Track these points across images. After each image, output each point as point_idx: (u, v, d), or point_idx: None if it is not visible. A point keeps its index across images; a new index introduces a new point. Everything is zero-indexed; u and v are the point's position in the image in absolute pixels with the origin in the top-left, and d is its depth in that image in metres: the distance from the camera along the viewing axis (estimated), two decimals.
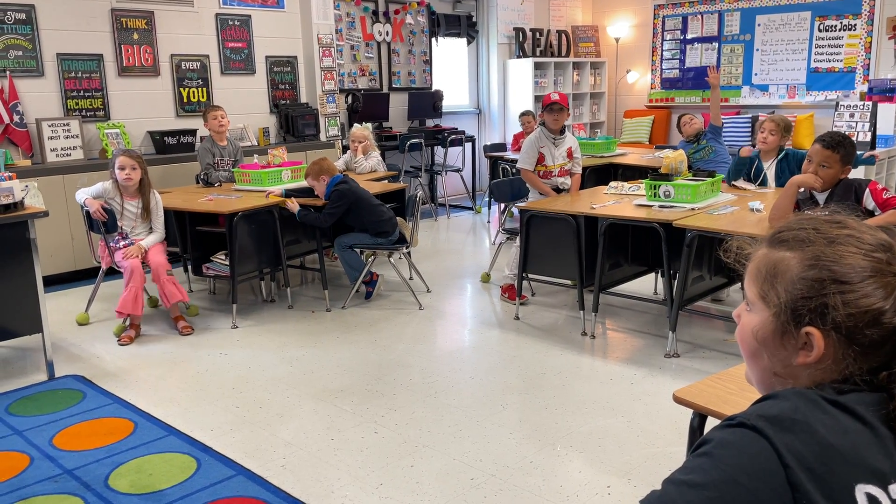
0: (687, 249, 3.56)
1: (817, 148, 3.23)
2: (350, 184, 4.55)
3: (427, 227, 7.24)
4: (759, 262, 0.95)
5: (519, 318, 4.37)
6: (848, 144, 3.24)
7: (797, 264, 0.91)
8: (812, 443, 0.81)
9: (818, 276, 0.88)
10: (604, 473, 2.63)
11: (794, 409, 0.84)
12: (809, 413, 0.84)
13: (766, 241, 0.97)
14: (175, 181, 5.65)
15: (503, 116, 9.03)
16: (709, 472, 0.81)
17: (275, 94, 6.94)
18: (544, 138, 4.70)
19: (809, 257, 0.90)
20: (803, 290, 0.89)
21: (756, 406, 0.88)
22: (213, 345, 4.05)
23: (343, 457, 2.78)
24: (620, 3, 9.47)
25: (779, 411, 0.84)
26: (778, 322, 0.91)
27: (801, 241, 0.92)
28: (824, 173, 3.21)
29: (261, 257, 4.58)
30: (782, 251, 0.93)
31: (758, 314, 0.95)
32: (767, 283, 0.93)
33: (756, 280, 0.95)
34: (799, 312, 0.89)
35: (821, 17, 7.88)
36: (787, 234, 0.94)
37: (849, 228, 0.92)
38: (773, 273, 0.92)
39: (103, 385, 3.49)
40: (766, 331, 0.93)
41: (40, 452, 2.84)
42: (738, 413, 0.88)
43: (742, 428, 0.83)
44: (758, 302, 0.94)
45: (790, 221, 0.97)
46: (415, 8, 8.08)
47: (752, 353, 0.97)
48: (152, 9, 6.03)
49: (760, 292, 0.94)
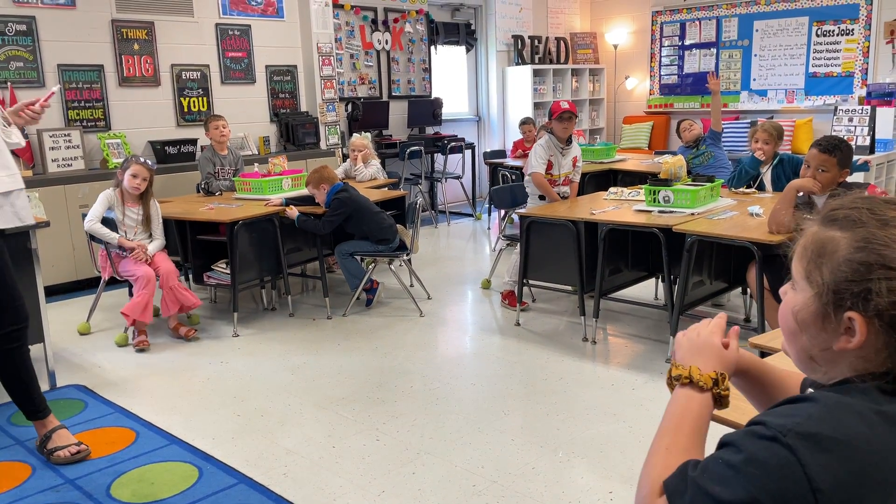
0: (687, 254, 3.56)
1: (814, 153, 3.25)
2: (350, 192, 4.56)
3: (427, 234, 7.25)
4: (808, 240, 0.91)
5: (520, 325, 4.37)
6: (844, 148, 3.25)
7: (846, 245, 0.86)
8: (852, 464, 0.78)
9: (866, 259, 0.84)
10: (606, 479, 2.63)
11: (835, 425, 0.80)
12: (853, 431, 0.79)
13: (818, 218, 0.92)
14: (176, 190, 5.66)
15: (503, 123, 9.05)
16: (734, 490, 0.80)
17: (275, 103, 6.96)
18: (553, 147, 4.66)
19: (859, 239, 0.86)
20: (848, 272, 0.85)
21: (794, 412, 0.83)
22: (214, 353, 4.05)
23: (345, 464, 2.78)
24: (618, 9, 9.50)
25: (818, 429, 0.80)
26: (820, 303, 0.87)
27: (852, 220, 0.87)
28: (822, 177, 3.22)
29: (261, 265, 4.59)
30: (833, 230, 0.89)
31: (801, 293, 0.91)
32: (813, 262, 0.89)
33: (803, 258, 0.91)
34: (841, 296, 0.85)
35: (818, 22, 7.91)
36: (840, 213, 0.89)
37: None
38: (821, 252, 0.88)
39: (105, 394, 3.49)
40: (806, 311, 0.89)
41: (42, 462, 2.84)
42: (773, 419, 0.83)
43: (775, 444, 0.80)
44: (802, 281, 0.91)
45: (844, 199, 0.91)
46: (414, 16, 8.11)
47: (790, 332, 0.93)
48: (152, 19, 6.06)
49: (805, 271, 0.90)
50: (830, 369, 0.90)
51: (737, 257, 4.00)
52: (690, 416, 0.97)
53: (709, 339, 1.03)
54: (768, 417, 0.84)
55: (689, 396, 0.99)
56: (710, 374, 0.99)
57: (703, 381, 0.99)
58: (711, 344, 1.03)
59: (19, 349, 2.78)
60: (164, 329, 4.42)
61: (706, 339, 1.03)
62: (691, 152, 5.59)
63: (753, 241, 3.33)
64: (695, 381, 0.99)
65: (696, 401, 0.98)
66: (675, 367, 1.02)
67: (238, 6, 6.61)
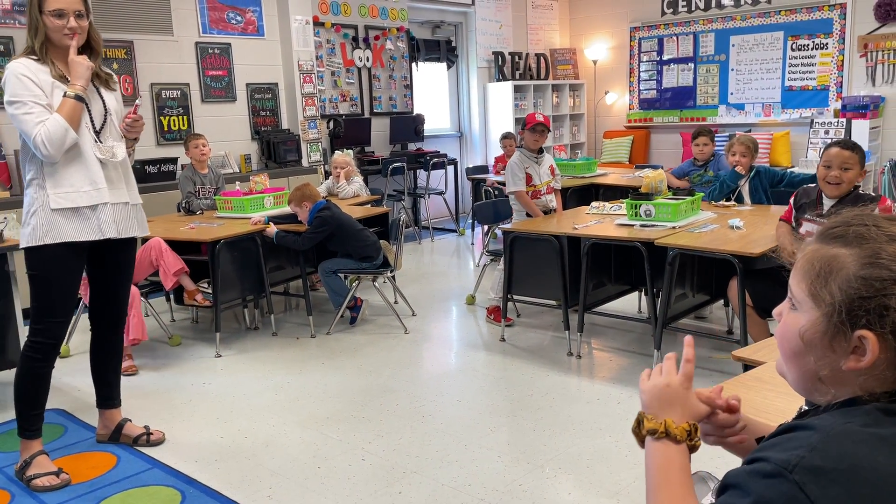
0: (669, 268, 3.58)
1: (836, 151, 3.26)
2: (332, 210, 4.54)
3: (411, 250, 7.24)
4: (811, 258, 0.88)
5: (505, 340, 4.37)
6: (860, 147, 3.33)
7: (854, 261, 0.84)
8: (859, 494, 0.76)
9: (878, 274, 0.82)
10: (593, 495, 2.62)
11: (839, 456, 0.78)
12: (857, 459, 0.78)
13: (817, 236, 0.90)
14: (156, 210, 5.60)
15: (485, 139, 9.09)
16: None
17: (256, 121, 6.95)
18: (527, 159, 4.75)
19: (868, 254, 0.83)
20: (861, 289, 0.82)
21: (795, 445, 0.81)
22: (196, 374, 4.01)
23: (330, 485, 2.75)
24: (597, 26, 9.61)
25: (822, 461, 0.78)
26: (829, 323, 0.85)
27: (859, 236, 0.85)
28: (847, 175, 3.25)
29: (244, 284, 4.56)
30: (836, 247, 0.86)
31: (806, 313, 0.88)
32: (820, 280, 0.86)
33: (806, 277, 0.88)
34: (855, 313, 0.82)
35: (793, 36, 8.04)
36: (844, 230, 0.87)
37: None
38: (828, 270, 0.85)
39: (85, 418, 3.44)
40: (814, 331, 0.86)
41: (21, 489, 2.78)
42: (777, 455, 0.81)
43: (783, 482, 0.78)
44: (807, 300, 0.88)
45: (845, 216, 0.89)
46: (394, 34, 8.15)
47: (795, 354, 0.90)
48: (132, 38, 6.04)
49: (811, 290, 0.87)
50: (839, 390, 0.87)
51: (718, 270, 4.03)
52: (675, 468, 0.97)
53: (678, 391, 1.02)
54: (769, 452, 0.82)
55: (667, 449, 0.99)
56: (684, 427, 0.99)
57: (679, 434, 0.98)
58: (680, 395, 1.02)
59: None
60: (145, 351, 4.37)
61: (676, 391, 1.02)
62: (698, 172, 5.23)
63: (734, 253, 3.35)
64: (671, 435, 0.98)
65: (675, 451, 0.98)
66: (647, 421, 1.01)
67: (218, 24, 6.61)
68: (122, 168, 2.89)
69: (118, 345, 3.16)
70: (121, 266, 3.00)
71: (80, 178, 2.73)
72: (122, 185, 2.89)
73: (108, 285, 3.01)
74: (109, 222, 2.79)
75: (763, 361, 1.91)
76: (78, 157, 2.73)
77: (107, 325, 3.08)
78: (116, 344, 3.14)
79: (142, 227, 3.00)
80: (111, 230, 2.80)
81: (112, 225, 2.80)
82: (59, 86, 2.68)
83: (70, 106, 2.64)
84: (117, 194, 2.84)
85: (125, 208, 2.88)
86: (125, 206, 2.88)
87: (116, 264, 2.98)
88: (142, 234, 3.03)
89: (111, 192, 2.81)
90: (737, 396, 1.09)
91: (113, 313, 3.07)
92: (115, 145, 2.85)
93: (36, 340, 2.80)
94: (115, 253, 2.94)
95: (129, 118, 2.84)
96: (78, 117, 2.67)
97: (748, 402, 1.70)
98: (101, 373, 3.14)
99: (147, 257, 4.28)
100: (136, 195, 2.96)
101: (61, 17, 2.64)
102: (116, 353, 3.16)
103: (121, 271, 3.01)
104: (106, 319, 3.07)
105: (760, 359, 1.93)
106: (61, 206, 2.70)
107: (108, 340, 3.11)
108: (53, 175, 2.70)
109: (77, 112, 2.67)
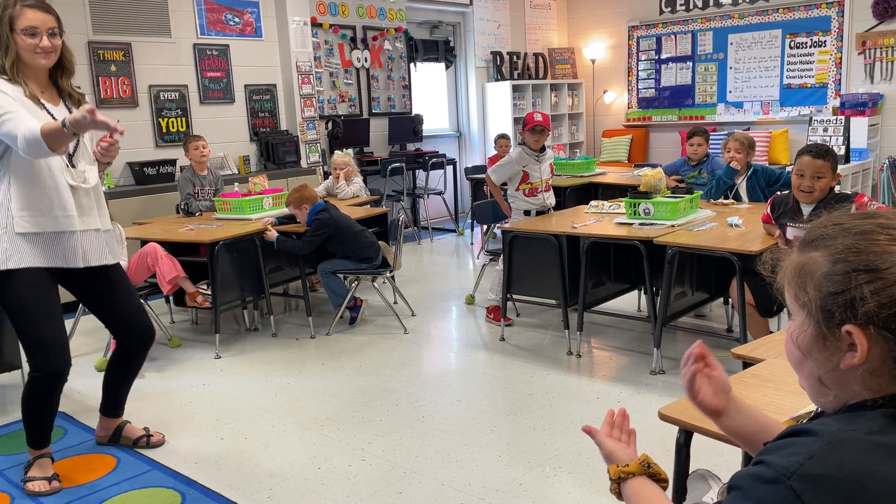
0: (668, 266, 3.58)
1: (807, 160, 3.27)
2: (331, 212, 4.54)
3: (410, 250, 7.24)
4: (792, 266, 0.93)
5: (504, 339, 4.37)
6: (833, 152, 3.32)
7: (824, 261, 0.87)
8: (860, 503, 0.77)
9: (844, 268, 0.85)
10: (594, 494, 2.62)
11: (839, 464, 0.78)
12: (859, 468, 0.78)
13: (796, 247, 0.94)
14: (155, 212, 5.61)
15: (483, 139, 9.08)
16: None
17: (254, 123, 6.95)
18: (527, 157, 4.73)
19: (835, 251, 0.87)
20: (830, 285, 0.85)
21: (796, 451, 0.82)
22: (195, 376, 4.00)
23: (330, 486, 2.75)
24: (595, 25, 9.61)
25: (821, 469, 0.78)
26: (813, 323, 0.88)
27: (825, 237, 0.89)
28: (819, 184, 3.25)
29: (243, 286, 4.55)
30: (810, 251, 0.90)
31: (796, 319, 0.92)
32: (800, 285, 0.90)
33: (790, 285, 0.92)
34: (829, 310, 0.85)
35: (791, 34, 8.04)
36: (813, 234, 0.92)
37: (876, 217, 0.88)
38: (803, 274, 0.89)
39: (85, 421, 3.43)
40: (805, 335, 0.89)
41: (21, 492, 2.78)
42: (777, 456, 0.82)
43: (780, 488, 0.79)
44: (794, 306, 0.92)
45: (815, 223, 0.94)
46: (392, 34, 8.15)
47: (797, 361, 0.93)
48: (129, 40, 6.04)
49: (795, 296, 0.91)
50: (842, 391, 0.88)
51: (718, 268, 4.03)
52: (656, 495, 1.10)
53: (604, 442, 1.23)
54: (770, 456, 0.83)
55: (641, 482, 1.13)
56: (637, 462, 1.14)
57: (636, 469, 1.14)
58: (612, 447, 1.20)
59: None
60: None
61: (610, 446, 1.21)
62: (692, 172, 5.18)
63: (733, 251, 3.35)
64: (635, 473, 1.13)
65: (647, 482, 1.13)
66: (612, 469, 1.16)
67: (216, 26, 6.61)
68: (93, 193, 2.75)
69: (143, 360, 3.08)
70: (111, 282, 2.86)
71: (48, 203, 2.60)
72: (94, 211, 2.75)
73: (111, 305, 2.88)
74: (76, 251, 2.66)
75: (763, 359, 1.91)
76: (47, 181, 2.59)
77: (136, 340, 2.97)
78: (142, 360, 3.07)
79: (113, 254, 2.84)
80: (76, 260, 2.67)
81: (78, 254, 2.67)
82: (34, 108, 2.55)
83: (55, 127, 2.40)
84: (87, 221, 2.71)
85: (96, 235, 2.75)
86: (96, 232, 2.75)
87: (104, 286, 2.84)
88: (113, 262, 2.85)
89: (80, 220, 2.67)
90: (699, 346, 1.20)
91: (138, 326, 2.94)
92: (88, 170, 2.73)
93: (37, 376, 2.68)
94: (94, 277, 2.79)
95: (104, 142, 2.66)
96: (57, 140, 2.43)
97: (748, 399, 1.70)
98: (118, 386, 3.09)
99: (144, 262, 4.28)
100: (107, 221, 2.82)
101: (34, 36, 2.52)
102: (139, 368, 3.09)
103: (114, 287, 2.88)
104: (133, 334, 2.95)
105: (760, 356, 1.93)
106: (26, 230, 2.56)
107: (137, 356, 3.03)
108: (21, 196, 2.56)
109: (59, 137, 2.42)
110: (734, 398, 1.20)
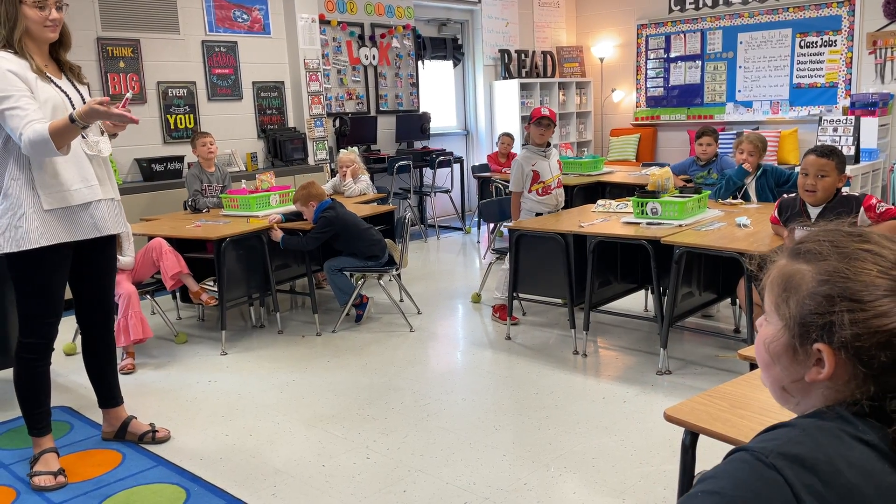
0: (675, 266, 3.57)
1: (812, 159, 3.25)
2: (337, 210, 4.54)
3: (417, 248, 7.24)
4: (776, 273, 0.93)
5: (510, 338, 4.36)
6: (839, 152, 3.29)
7: (811, 279, 0.87)
8: (836, 485, 0.78)
9: (829, 292, 0.85)
10: (598, 494, 2.61)
11: (815, 447, 0.81)
12: (833, 451, 0.80)
13: (786, 251, 0.94)
14: (163, 208, 5.63)
15: (491, 137, 9.06)
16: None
17: (262, 120, 6.96)
18: (534, 156, 4.69)
19: (823, 272, 0.87)
20: (812, 305, 0.86)
21: (773, 437, 0.84)
22: (201, 372, 4.01)
23: (335, 483, 2.75)
24: (604, 23, 9.58)
25: (799, 450, 0.80)
26: (788, 335, 0.89)
27: (816, 254, 0.89)
28: (823, 183, 3.23)
29: (250, 283, 4.56)
30: (799, 263, 0.90)
31: (772, 325, 0.92)
32: (780, 295, 0.90)
33: (772, 290, 0.93)
34: (807, 328, 0.86)
35: (801, 33, 7.99)
36: (805, 247, 0.91)
37: (870, 243, 0.88)
38: (787, 286, 0.90)
39: (91, 416, 3.44)
40: (777, 343, 0.91)
41: (27, 486, 2.79)
42: (754, 444, 0.84)
43: (760, 465, 0.80)
44: (772, 313, 0.92)
45: (811, 233, 0.93)
46: (400, 32, 8.14)
47: (764, 363, 0.95)
48: (138, 37, 6.05)
49: (775, 303, 0.92)
50: (803, 400, 0.91)
51: (725, 268, 4.01)
52: None
53: None
54: (747, 444, 0.85)
55: None
56: None
57: None
58: None
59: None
60: (149, 348, 4.38)
61: None
62: (701, 172, 5.07)
63: (741, 251, 3.33)
64: None
65: None
66: None
67: (224, 23, 6.62)
68: (104, 164, 2.85)
69: (112, 343, 3.11)
70: (103, 265, 2.95)
71: (70, 176, 2.67)
72: (107, 181, 2.84)
73: (94, 287, 2.96)
74: (96, 220, 2.76)
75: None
76: (68, 155, 2.64)
77: (99, 326, 3.04)
78: (110, 342, 3.10)
79: (124, 224, 2.96)
80: (96, 229, 2.77)
81: (99, 223, 2.77)
82: (41, 83, 2.58)
83: (63, 125, 2.46)
84: (105, 190, 2.80)
85: (111, 204, 2.84)
86: (111, 202, 2.84)
87: (99, 263, 2.92)
88: (124, 230, 2.98)
89: (102, 189, 2.78)
90: None
91: (103, 312, 3.03)
92: (100, 140, 2.79)
93: (28, 342, 2.77)
94: (99, 252, 2.89)
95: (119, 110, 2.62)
96: (66, 137, 2.50)
97: (754, 401, 1.69)
98: (99, 373, 3.12)
99: (149, 257, 4.28)
100: (116, 191, 2.92)
101: (43, 9, 2.56)
102: (111, 350, 3.11)
103: (104, 271, 2.96)
104: (97, 321, 3.03)
105: None
106: (54, 206, 2.63)
107: (102, 340, 3.07)
108: (43, 173, 2.61)
109: (67, 133, 2.49)
110: None
